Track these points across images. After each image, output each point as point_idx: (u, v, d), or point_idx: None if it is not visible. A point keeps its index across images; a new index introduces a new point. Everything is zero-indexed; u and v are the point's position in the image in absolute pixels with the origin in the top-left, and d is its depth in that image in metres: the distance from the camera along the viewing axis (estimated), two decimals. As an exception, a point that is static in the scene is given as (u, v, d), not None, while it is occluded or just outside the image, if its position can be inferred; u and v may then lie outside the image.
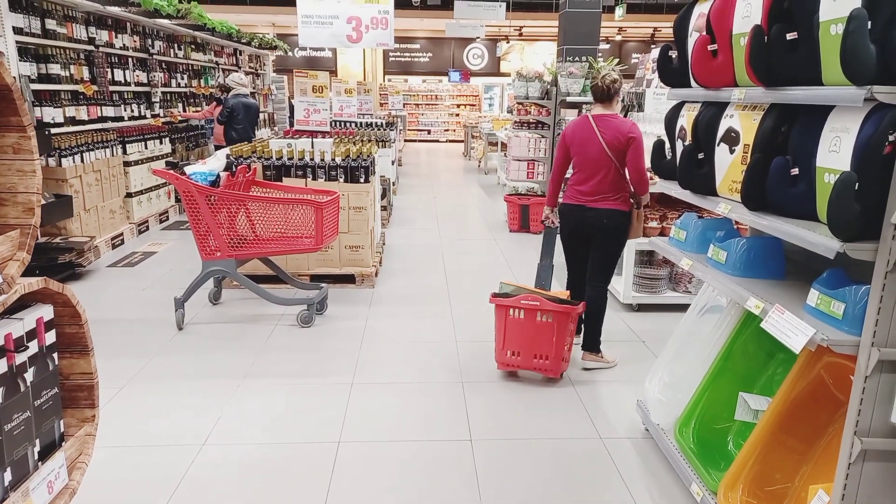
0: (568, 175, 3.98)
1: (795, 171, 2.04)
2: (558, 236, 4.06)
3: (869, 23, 1.67)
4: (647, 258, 5.02)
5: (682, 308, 3.43)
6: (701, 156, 2.55)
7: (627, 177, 3.73)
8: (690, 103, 2.73)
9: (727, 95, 2.37)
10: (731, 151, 2.35)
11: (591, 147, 3.69)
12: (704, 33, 2.46)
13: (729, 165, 2.37)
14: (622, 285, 4.89)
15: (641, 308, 4.91)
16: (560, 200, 3.98)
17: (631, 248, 4.77)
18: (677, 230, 2.98)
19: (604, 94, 3.74)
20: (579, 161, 3.78)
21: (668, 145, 2.94)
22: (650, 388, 3.03)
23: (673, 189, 2.81)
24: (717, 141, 2.43)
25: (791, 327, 1.96)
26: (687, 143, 2.68)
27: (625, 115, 6.83)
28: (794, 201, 2.06)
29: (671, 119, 2.85)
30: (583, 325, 3.98)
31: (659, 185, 3.01)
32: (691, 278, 4.90)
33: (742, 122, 2.30)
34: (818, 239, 1.87)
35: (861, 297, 1.84)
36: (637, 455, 2.98)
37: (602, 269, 3.86)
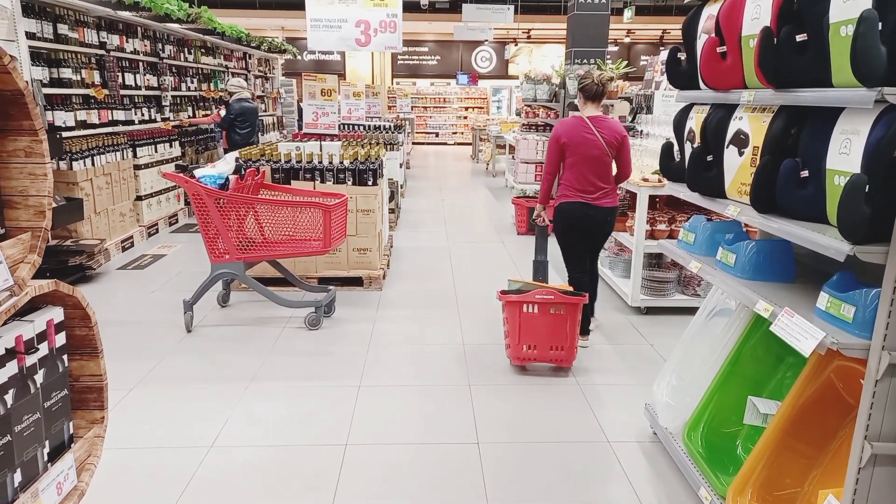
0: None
1: (805, 173, 2.03)
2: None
3: (879, 24, 1.66)
4: (655, 261, 5.00)
5: (691, 311, 3.41)
6: (710, 158, 2.54)
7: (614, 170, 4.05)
8: (699, 105, 2.72)
9: (736, 97, 2.36)
10: (741, 153, 2.34)
11: (592, 147, 3.89)
12: (713, 35, 2.45)
13: (738, 168, 2.36)
14: (630, 288, 4.87)
15: (650, 311, 4.89)
16: (554, 200, 4.11)
17: (639, 250, 4.75)
18: (686, 233, 2.97)
19: (597, 94, 3.95)
20: (577, 161, 3.93)
21: (676, 147, 2.93)
22: (658, 392, 3.02)
23: (681, 191, 2.80)
24: (726, 143, 2.42)
25: (801, 330, 1.95)
26: (696, 145, 2.66)
27: (633, 118, 6.86)
28: (804, 204, 2.05)
29: (680, 121, 2.85)
30: (590, 323, 4.18)
31: (667, 188, 3.00)
32: (700, 281, 4.88)
33: (751, 124, 2.29)
34: (828, 241, 1.85)
35: (871, 300, 1.83)
36: (645, 459, 2.96)
37: (597, 256, 4.32)
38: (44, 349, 1.60)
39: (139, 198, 7.12)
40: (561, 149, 3.96)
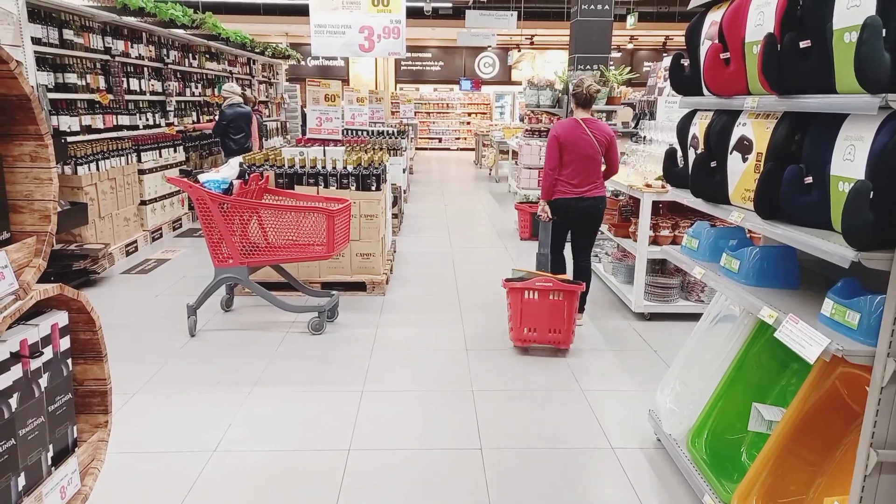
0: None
1: (809, 179, 2.02)
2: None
3: (883, 31, 1.66)
4: (658, 266, 4.99)
5: (695, 317, 3.41)
6: (713, 164, 2.54)
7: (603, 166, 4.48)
8: (703, 111, 2.72)
9: (740, 103, 2.36)
10: (744, 160, 2.34)
11: (585, 146, 4.31)
12: (717, 41, 2.45)
13: (742, 174, 2.36)
14: (633, 294, 4.86)
15: (653, 317, 4.88)
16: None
17: (643, 256, 4.75)
18: (689, 239, 2.96)
19: (587, 101, 4.38)
20: (573, 158, 4.33)
21: (680, 153, 2.93)
22: (662, 398, 3.01)
23: (685, 197, 2.80)
24: (730, 149, 2.42)
25: (805, 337, 1.94)
26: (699, 151, 2.67)
27: (636, 124, 6.89)
28: (808, 210, 2.04)
29: (683, 127, 2.85)
30: (584, 303, 4.66)
31: (671, 194, 3.00)
32: (703, 287, 4.87)
33: (755, 130, 2.29)
34: (832, 248, 1.85)
35: (876, 306, 1.82)
36: (649, 466, 2.95)
37: (591, 245, 4.63)
38: (48, 353, 1.61)
39: (143, 202, 7.14)
40: (559, 148, 4.34)
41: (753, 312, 2.29)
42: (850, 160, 1.83)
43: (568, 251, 4.68)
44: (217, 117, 8.11)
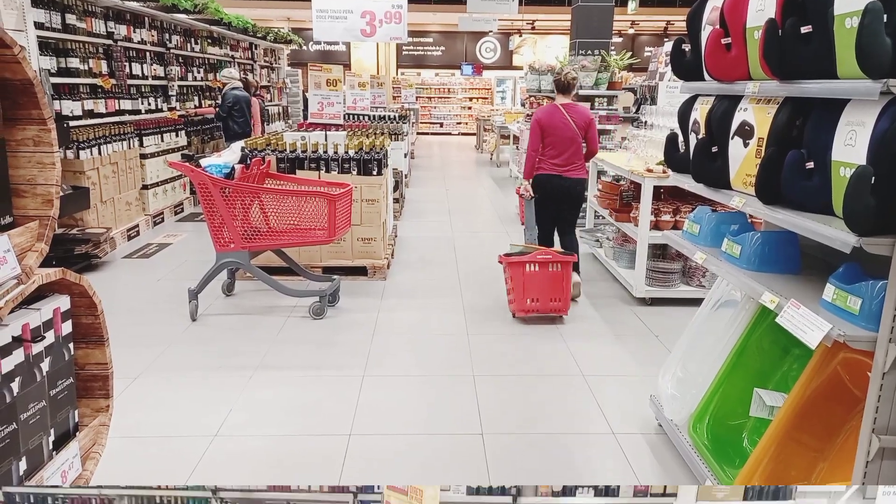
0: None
1: (810, 164, 2.01)
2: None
3: (885, 16, 1.64)
4: (660, 252, 4.99)
5: (696, 302, 3.41)
6: (715, 149, 2.53)
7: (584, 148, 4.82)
8: (704, 96, 2.70)
9: (741, 89, 2.35)
10: (745, 145, 2.33)
11: (565, 129, 4.66)
12: (718, 26, 2.43)
13: (743, 159, 2.35)
14: (635, 279, 4.86)
15: (654, 302, 4.88)
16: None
17: (644, 241, 4.74)
18: (691, 224, 2.96)
19: (566, 88, 4.76)
20: (554, 141, 4.68)
21: (681, 138, 2.91)
22: (663, 384, 3.02)
23: (686, 182, 2.79)
24: (731, 134, 2.41)
25: (807, 322, 1.95)
26: (700, 136, 2.65)
27: (637, 109, 6.89)
28: (809, 195, 2.04)
29: (684, 112, 2.83)
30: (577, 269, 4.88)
31: (672, 179, 2.99)
32: (705, 272, 4.87)
33: (756, 115, 2.28)
34: (834, 233, 1.84)
35: (878, 292, 1.82)
36: (650, 451, 2.97)
37: (574, 221, 4.97)
38: (50, 337, 1.61)
39: (145, 187, 7.14)
40: (541, 131, 4.68)
41: (755, 297, 2.30)
42: (851, 145, 1.82)
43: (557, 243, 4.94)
44: (220, 101, 8.11)
